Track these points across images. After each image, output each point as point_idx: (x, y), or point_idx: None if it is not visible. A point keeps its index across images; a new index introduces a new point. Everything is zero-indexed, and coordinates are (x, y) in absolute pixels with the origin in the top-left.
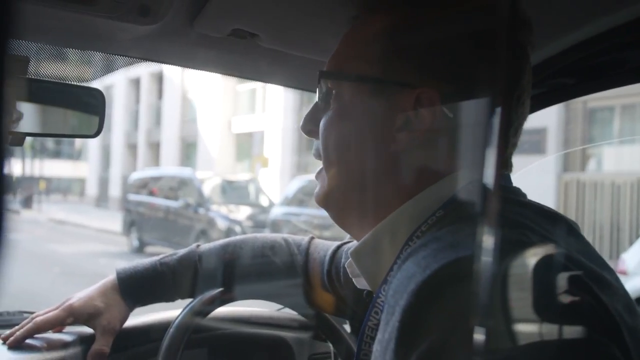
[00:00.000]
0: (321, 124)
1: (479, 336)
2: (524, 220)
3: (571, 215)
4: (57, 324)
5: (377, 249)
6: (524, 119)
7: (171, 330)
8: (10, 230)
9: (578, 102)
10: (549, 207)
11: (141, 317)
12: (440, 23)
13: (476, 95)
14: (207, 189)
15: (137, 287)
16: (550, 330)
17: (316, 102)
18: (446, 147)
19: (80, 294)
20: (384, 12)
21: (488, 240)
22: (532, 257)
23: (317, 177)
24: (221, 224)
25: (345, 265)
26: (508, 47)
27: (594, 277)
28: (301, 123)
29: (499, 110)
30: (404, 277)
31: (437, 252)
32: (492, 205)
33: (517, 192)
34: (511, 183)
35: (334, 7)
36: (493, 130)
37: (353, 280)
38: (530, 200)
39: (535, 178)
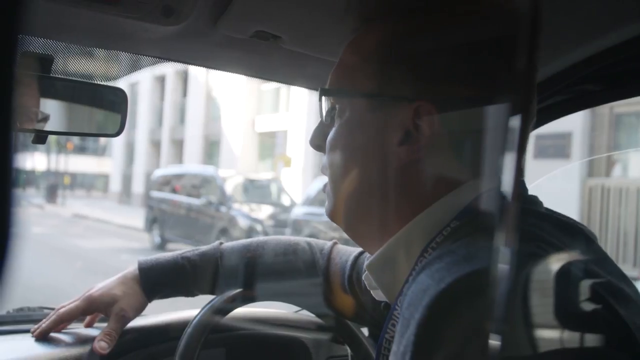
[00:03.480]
0: (327, 140)
1: (493, 350)
2: (540, 232)
3: (595, 221)
4: (78, 313)
5: (392, 261)
6: (531, 121)
7: (189, 329)
8: (29, 224)
9: (604, 108)
10: (567, 217)
11: (160, 315)
12: (437, 33)
13: (482, 103)
14: (229, 188)
15: (157, 278)
16: (565, 345)
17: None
18: (457, 156)
19: (100, 285)
20: (379, 23)
21: (503, 253)
22: (547, 270)
23: (322, 171)
24: (242, 223)
25: (363, 278)
26: (520, 52)
27: (612, 290)
28: (310, 138)
29: (511, 117)
30: (418, 289)
31: (452, 265)
32: (508, 217)
33: (534, 202)
34: (526, 190)
35: (354, 10)
36: (507, 137)
37: (371, 292)
38: (548, 210)
39: (559, 183)
